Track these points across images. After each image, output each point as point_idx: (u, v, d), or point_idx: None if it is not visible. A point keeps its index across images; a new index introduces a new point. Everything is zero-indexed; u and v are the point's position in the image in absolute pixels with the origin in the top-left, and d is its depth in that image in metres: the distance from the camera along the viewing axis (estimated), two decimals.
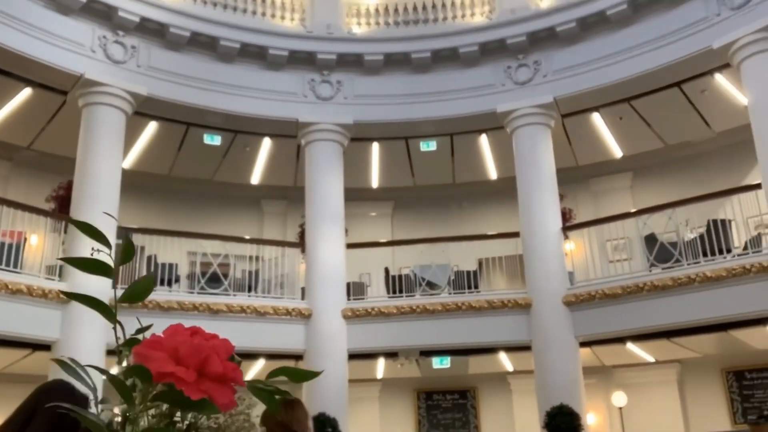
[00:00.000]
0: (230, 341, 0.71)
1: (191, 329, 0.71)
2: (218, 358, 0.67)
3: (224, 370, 0.66)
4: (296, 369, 0.74)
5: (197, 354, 0.66)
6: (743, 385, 11.44)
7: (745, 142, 9.73)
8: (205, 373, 0.66)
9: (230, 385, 0.67)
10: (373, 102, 11.31)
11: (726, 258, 9.35)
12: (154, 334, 0.71)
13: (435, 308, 10.44)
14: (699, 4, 9.80)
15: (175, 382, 0.64)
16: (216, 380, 0.66)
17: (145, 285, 0.75)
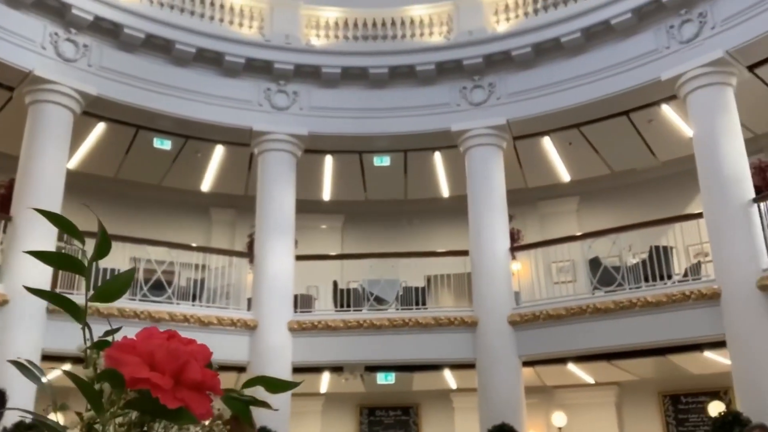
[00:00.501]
0: (208, 347, 0.68)
1: (167, 333, 0.67)
2: (197, 364, 0.63)
3: (203, 377, 0.63)
4: (273, 379, 0.72)
5: (174, 359, 0.63)
6: (679, 409, 11.74)
7: (688, 172, 10.05)
8: (182, 380, 0.62)
9: (206, 394, 0.64)
10: (329, 114, 11.30)
11: (666, 284, 9.61)
12: (125, 337, 0.67)
13: (382, 323, 10.42)
14: (649, 37, 10.13)
15: (150, 388, 0.61)
16: (193, 388, 0.63)
17: (122, 282, 0.71)
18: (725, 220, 8.98)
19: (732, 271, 8.77)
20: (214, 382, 0.65)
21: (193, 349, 0.65)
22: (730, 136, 9.26)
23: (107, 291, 0.72)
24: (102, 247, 0.69)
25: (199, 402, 0.62)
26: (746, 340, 8.50)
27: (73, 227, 0.69)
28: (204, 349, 0.67)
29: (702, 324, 8.96)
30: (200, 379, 0.63)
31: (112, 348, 0.65)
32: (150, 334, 0.66)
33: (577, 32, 10.55)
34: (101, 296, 0.72)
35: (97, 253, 0.69)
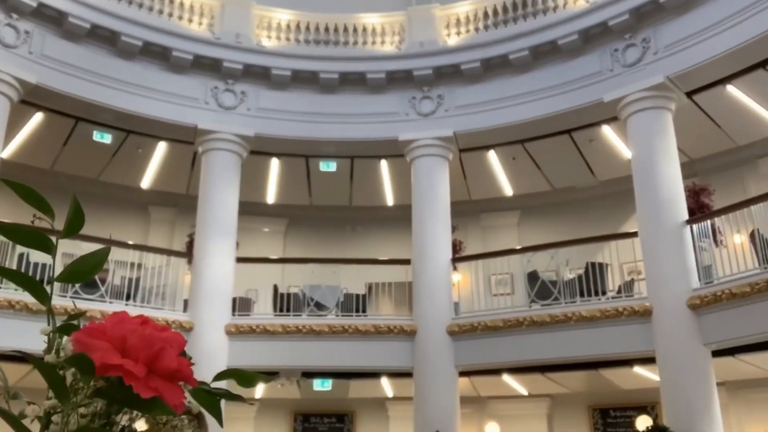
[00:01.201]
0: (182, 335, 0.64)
1: (140, 318, 0.64)
2: (173, 351, 0.60)
3: (179, 365, 0.60)
4: (245, 371, 0.69)
5: (149, 346, 0.60)
6: (607, 422, 12.03)
7: (625, 192, 10.35)
8: (156, 368, 0.59)
9: (179, 384, 0.61)
10: (277, 117, 11.20)
11: (601, 299, 9.87)
12: (93, 321, 0.63)
13: (321, 329, 10.35)
14: (594, 59, 10.42)
15: (123, 376, 0.57)
16: (167, 377, 0.60)
17: (95, 261, 0.67)
18: (659, 240, 9.27)
19: (663, 290, 9.06)
20: (188, 371, 0.62)
21: (168, 336, 0.62)
22: (667, 159, 9.58)
23: (78, 270, 0.67)
24: (73, 223, 0.65)
25: (173, 392, 0.59)
26: (675, 356, 8.78)
27: (44, 201, 0.65)
28: (178, 336, 0.63)
29: (633, 340, 9.22)
30: (176, 367, 0.60)
31: (81, 332, 0.61)
32: (121, 318, 0.63)
33: (525, 50, 10.77)
34: (72, 276, 0.68)
35: (67, 228, 0.65)
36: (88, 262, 0.67)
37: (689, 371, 8.65)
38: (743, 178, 11.41)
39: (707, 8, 9.38)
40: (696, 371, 8.65)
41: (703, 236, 9.35)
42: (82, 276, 0.69)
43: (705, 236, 9.37)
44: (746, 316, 8.33)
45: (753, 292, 8.19)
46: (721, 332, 8.64)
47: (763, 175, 11.22)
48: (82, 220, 0.66)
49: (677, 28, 9.67)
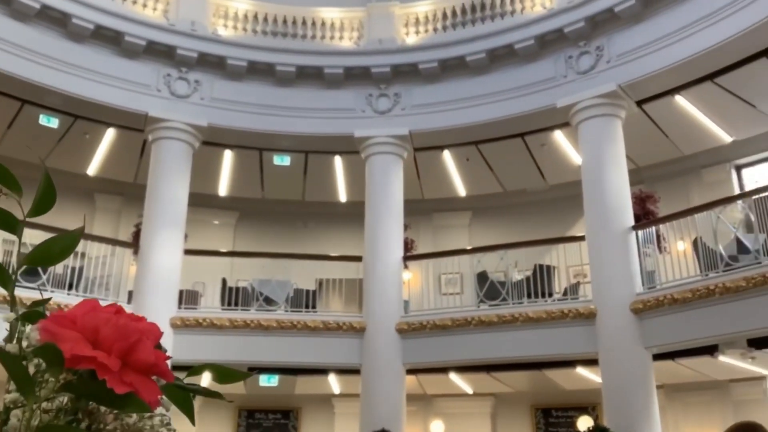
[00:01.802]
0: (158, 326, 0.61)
1: (114, 306, 0.60)
2: (150, 344, 0.57)
3: (156, 359, 0.57)
4: (224, 367, 0.65)
5: (124, 337, 0.56)
6: (549, 422, 12.25)
7: (574, 196, 10.53)
8: (130, 361, 0.56)
9: (154, 379, 0.57)
10: (231, 108, 11.03)
11: (547, 301, 10.04)
12: (61, 309, 0.59)
13: (270, 324, 10.25)
14: (549, 64, 10.57)
15: (96, 369, 0.54)
16: (142, 372, 0.56)
17: (65, 244, 0.62)
18: (605, 244, 9.47)
19: (608, 293, 9.26)
20: (165, 365, 0.59)
21: (144, 327, 0.58)
22: (615, 166, 9.80)
23: (47, 253, 0.63)
24: (44, 200, 0.60)
25: (149, 388, 0.55)
26: (617, 359, 8.99)
27: (9, 175, 0.60)
28: (154, 328, 0.60)
29: (577, 341, 9.41)
30: (153, 361, 0.56)
31: (49, 320, 0.57)
32: (92, 306, 0.58)
33: (482, 53, 10.86)
34: (38, 259, 0.64)
35: (36, 206, 0.61)
36: (58, 245, 0.63)
37: (630, 373, 8.87)
38: (687, 186, 11.75)
39: (659, 20, 9.62)
40: (637, 374, 8.87)
41: (647, 242, 9.60)
42: (50, 259, 0.64)
43: (649, 242, 9.61)
44: (687, 321, 8.59)
45: (694, 298, 8.44)
46: (662, 336, 8.88)
47: (706, 185, 11.58)
48: (54, 198, 0.62)
49: (630, 37, 9.89)
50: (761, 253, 8.22)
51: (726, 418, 10.64)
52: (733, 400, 10.79)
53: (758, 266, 8.07)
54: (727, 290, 8.14)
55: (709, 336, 8.66)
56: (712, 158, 11.62)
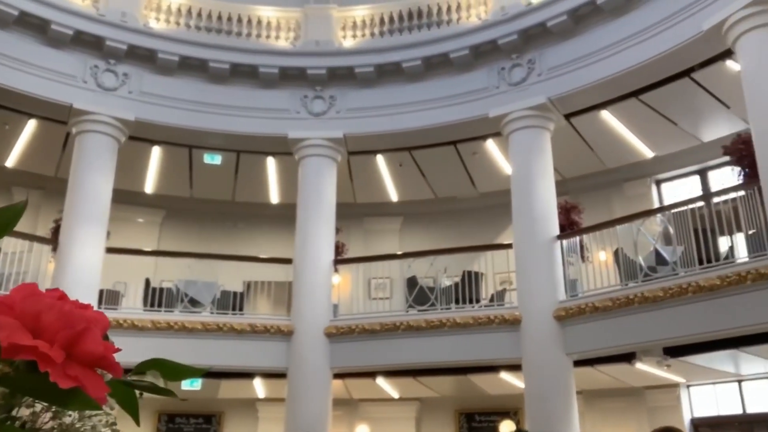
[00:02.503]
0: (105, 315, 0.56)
1: (56, 291, 0.55)
2: (98, 334, 0.53)
3: (105, 351, 0.52)
4: (174, 363, 0.61)
5: (69, 326, 0.51)
6: (472, 426, 12.42)
7: (503, 204, 10.72)
8: (75, 353, 0.51)
9: (100, 374, 0.53)
10: (161, 103, 10.73)
11: (474, 307, 10.18)
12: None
13: (195, 327, 10.00)
14: (483, 75, 10.75)
15: (37, 360, 0.49)
16: (87, 364, 0.52)
17: (8, 217, 0.56)
18: (531, 252, 9.69)
19: (532, 301, 9.48)
20: (113, 358, 0.55)
21: (91, 315, 0.54)
22: (543, 177, 10.05)
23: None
24: None
25: (95, 383, 0.51)
26: (539, 364, 9.20)
27: None
28: (102, 317, 0.55)
29: (502, 347, 9.58)
30: (101, 353, 0.52)
31: None
32: (32, 291, 0.53)
33: (418, 60, 10.95)
34: None
35: None
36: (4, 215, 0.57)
37: (552, 379, 9.09)
38: (610, 199, 12.16)
39: (589, 37, 9.93)
40: (558, 379, 9.10)
41: (571, 252, 9.88)
42: None
43: (573, 252, 9.90)
44: (607, 329, 8.87)
45: (614, 306, 8.73)
46: (583, 343, 9.14)
47: (627, 198, 12.01)
48: None
49: (561, 52, 10.17)
50: (678, 264, 8.58)
51: (641, 424, 11.06)
52: (647, 406, 11.21)
53: (675, 277, 8.42)
54: (646, 300, 8.46)
55: (627, 344, 8.96)
56: (634, 172, 12.07)
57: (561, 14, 9.95)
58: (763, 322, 7.61)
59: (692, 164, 11.77)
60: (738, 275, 7.75)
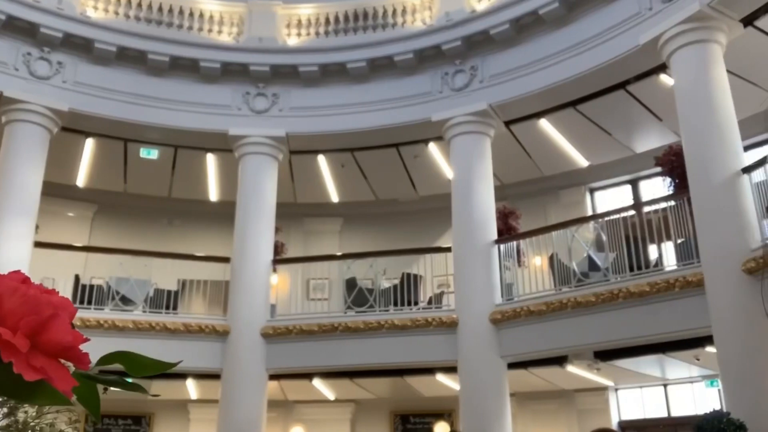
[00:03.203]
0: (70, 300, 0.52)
1: (19, 274, 0.51)
2: (66, 321, 0.49)
3: (74, 340, 0.49)
4: (139, 356, 0.58)
5: (34, 311, 0.47)
6: (407, 428, 12.48)
7: (443, 208, 10.82)
8: (41, 342, 0.47)
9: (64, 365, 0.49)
10: (97, 93, 10.39)
11: (412, 309, 10.24)
12: None
13: (126, 326, 9.72)
14: (426, 79, 10.83)
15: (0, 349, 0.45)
16: (52, 355, 0.48)
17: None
18: (470, 256, 9.81)
19: (469, 304, 9.60)
20: (80, 349, 0.51)
21: (58, 302, 0.50)
22: (483, 182, 10.19)
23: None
24: None
25: (61, 375, 0.47)
26: (475, 367, 9.32)
27: None
28: (68, 303, 0.52)
29: (439, 349, 9.66)
30: (69, 342, 0.48)
31: None
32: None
33: (363, 62, 10.95)
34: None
35: None
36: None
37: (486, 381, 9.22)
38: (546, 205, 12.44)
39: (530, 47, 10.13)
40: (492, 381, 9.24)
41: (508, 256, 10.05)
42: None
43: (510, 256, 10.07)
44: (541, 332, 9.06)
45: (548, 310, 8.93)
46: (517, 346, 9.31)
47: (563, 205, 12.31)
48: None
49: (503, 60, 10.34)
50: (610, 271, 8.83)
51: (571, 426, 11.35)
52: (577, 408, 11.50)
53: (607, 283, 8.67)
54: (578, 304, 8.68)
55: (559, 347, 9.18)
56: (570, 180, 12.37)
57: (504, 23, 10.12)
58: (689, 328, 7.93)
59: (625, 174, 12.15)
60: (666, 282, 8.04)
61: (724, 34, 8.27)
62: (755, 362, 6.99)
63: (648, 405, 11.33)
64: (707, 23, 8.20)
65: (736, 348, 7.16)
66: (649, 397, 11.35)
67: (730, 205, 7.59)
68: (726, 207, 7.60)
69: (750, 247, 7.33)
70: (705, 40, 8.23)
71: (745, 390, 6.99)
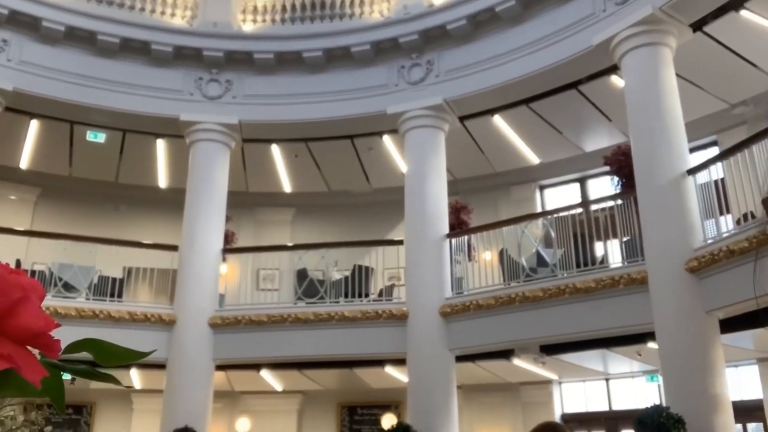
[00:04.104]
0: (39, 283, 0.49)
1: None
2: (37, 304, 0.45)
3: (45, 326, 0.45)
4: (109, 344, 0.54)
5: (2, 294, 0.43)
6: (354, 419, 12.49)
7: (396, 201, 10.83)
8: (8, 327, 0.44)
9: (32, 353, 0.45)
10: (43, 73, 10.05)
11: (363, 301, 10.24)
12: None
13: (68, 313, 9.45)
14: (382, 71, 10.81)
15: None
16: (22, 341, 0.44)
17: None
18: (421, 250, 9.85)
19: (420, 297, 9.64)
20: (52, 336, 0.47)
21: (27, 283, 0.46)
22: (436, 176, 10.24)
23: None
24: None
25: (30, 363, 0.44)
26: (423, 359, 9.38)
27: None
28: (38, 285, 0.48)
29: (389, 342, 9.69)
30: (41, 328, 0.45)
31: None
32: None
33: (319, 51, 10.87)
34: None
35: None
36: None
37: (434, 374, 9.29)
38: (497, 201, 12.58)
39: (486, 44, 10.20)
40: (440, 374, 9.31)
41: (459, 250, 10.13)
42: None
43: (461, 251, 10.15)
44: (489, 326, 9.17)
45: (497, 304, 9.04)
46: (465, 339, 9.40)
47: (513, 201, 12.47)
48: None
49: (459, 56, 10.39)
50: (558, 267, 8.99)
51: (515, 418, 11.54)
52: (522, 401, 11.70)
53: (554, 278, 8.83)
54: (526, 299, 8.81)
55: (507, 341, 9.30)
56: (521, 177, 12.54)
57: (461, 18, 10.17)
58: (632, 324, 8.13)
59: (574, 172, 12.38)
60: (612, 279, 8.23)
61: (674, 38, 8.49)
62: (695, 358, 7.22)
63: (590, 399, 11.61)
64: (658, 27, 8.40)
65: (677, 344, 7.38)
66: (591, 391, 11.63)
67: (674, 205, 7.81)
68: (671, 207, 7.82)
69: (693, 247, 7.56)
70: (656, 44, 8.42)
71: (685, 385, 7.21)
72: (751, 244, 6.73)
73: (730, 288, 7.10)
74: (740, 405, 8.50)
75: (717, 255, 7.12)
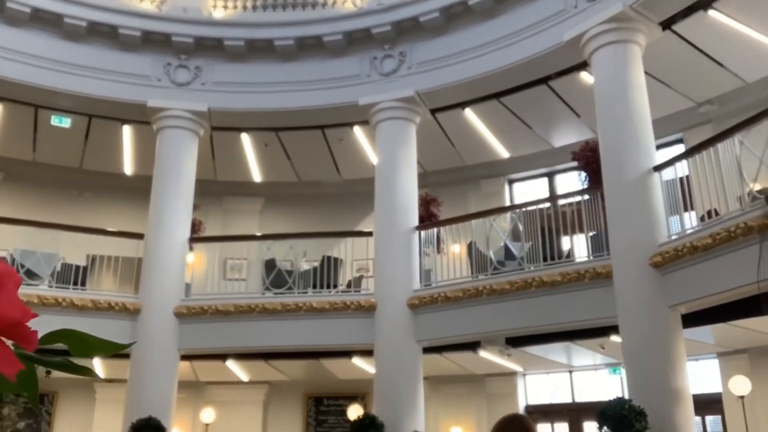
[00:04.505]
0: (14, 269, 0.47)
1: None
2: (14, 291, 0.43)
3: (23, 316, 0.43)
4: (84, 335, 0.52)
5: None
6: (320, 410, 12.49)
7: (366, 192, 10.82)
8: None
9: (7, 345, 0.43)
10: (6, 56, 9.82)
11: (331, 292, 10.22)
12: None
13: (30, 300, 9.23)
14: (355, 62, 10.76)
15: None
16: None
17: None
18: (390, 241, 9.86)
19: (388, 288, 9.66)
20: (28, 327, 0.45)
21: (2, 269, 0.44)
22: (406, 168, 10.25)
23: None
24: None
25: (5, 356, 0.42)
26: (391, 350, 9.40)
27: None
28: (13, 271, 0.46)
29: (357, 333, 9.69)
30: (18, 317, 0.43)
31: None
32: None
33: (291, 40, 10.77)
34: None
35: None
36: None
37: (402, 365, 9.32)
38: (466, 194, 12.63)
39: (458, 37, 10.22)
40: (407, 365, 9.35)
41: (428, 243, 10.16)
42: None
43: (430, 243, 10.18)
44: (456, 318, 9.23)
45: (465, 297, 9.10)
46: (433, 331, 9.45)
47: (483, 194, 12.55)
48: None
49: (431, 48, 10.39)
50: (525, 260, 9.07)
51: (480, 410, 11.65)
52: (487, 393, 11.81)
53: (521, 272, 8.91)
54: (494, 292, 8.88)
55: (473, 333, 9.36)
56: (490, 171, 12.62)
57: (434, 11, 10.16)
58: (596, 317, 8.25)
59: (542, 167, 12.49)
60: (577, 273, 8.34)
61: (643, 35, 8.59)
62: (657, 352, 7.36)
63: (554, 391, 11.77)
64: (628, 24, 8.49)
65: (640, 338, 7.51)
66: (555, 383, 11.79)
67: (640, 201, 7.92)
68: (636, 203, 7.93)
69: (657, 243, 7.69)
70: (625, 41, 8.52)
71: (647, 378, 7.35)
72: (714, 240, 6.87)
73: (692, 283, 7.24)
74: (700, 398, 8.70)
75: (681, 251, 7.25)
